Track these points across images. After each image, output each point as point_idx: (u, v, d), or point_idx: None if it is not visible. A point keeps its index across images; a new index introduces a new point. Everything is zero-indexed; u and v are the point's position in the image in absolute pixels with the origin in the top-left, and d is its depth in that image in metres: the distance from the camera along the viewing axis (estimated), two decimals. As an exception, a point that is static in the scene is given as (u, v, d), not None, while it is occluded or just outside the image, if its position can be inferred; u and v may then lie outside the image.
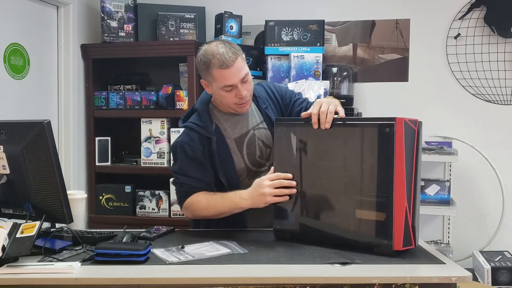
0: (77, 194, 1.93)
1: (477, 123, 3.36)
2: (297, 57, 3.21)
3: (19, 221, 1.63)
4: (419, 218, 1.62)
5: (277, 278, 1.39)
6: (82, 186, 3.41)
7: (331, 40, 3.53)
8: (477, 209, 3.37)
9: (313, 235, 1.69)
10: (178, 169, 1.91)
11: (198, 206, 1.87)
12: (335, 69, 3.34)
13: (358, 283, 1.39)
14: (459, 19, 3.36)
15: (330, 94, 3.14)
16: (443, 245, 3.22)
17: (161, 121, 3.34)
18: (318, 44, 3.30)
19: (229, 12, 3.35)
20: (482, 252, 3.16)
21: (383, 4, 3.46)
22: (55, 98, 3.31)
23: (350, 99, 3.35)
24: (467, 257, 3.28)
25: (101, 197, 3.40)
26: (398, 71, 3.46)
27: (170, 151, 3.29)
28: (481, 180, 3.34)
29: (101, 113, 3.44)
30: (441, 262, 1.51)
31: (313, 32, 3.30)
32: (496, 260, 3.03)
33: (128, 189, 3.38)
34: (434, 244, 3.18)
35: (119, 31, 3.41)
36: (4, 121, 1.80)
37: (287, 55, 3.30)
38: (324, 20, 3.32)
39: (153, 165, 3.35)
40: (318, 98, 2.62)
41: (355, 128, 1.63)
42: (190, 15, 3.40)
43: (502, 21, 3.30)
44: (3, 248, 1.44)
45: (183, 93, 3.28)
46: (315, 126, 1.67)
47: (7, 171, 1.72)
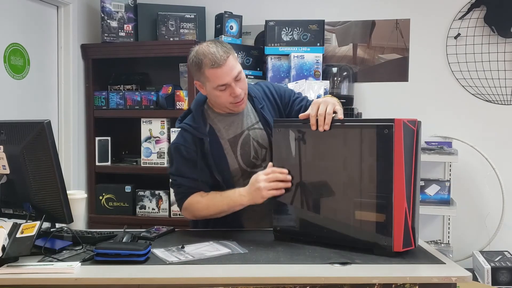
0: (77, 194, 1.93)
1: (477, 123, 3.36)
2: (297, 57, 3.21)
3: (19, 221, 1.63)
4: (419, 218, 1.62)
5: (277, 278, 1.39)
6: (82, 186, 3.41)
7: (331, 40, 3.53)
8: (477, 209, 3.37)
9: (313, 235, 1.69)
10: (174, 171, 1.91)
11: (198, 207, 1.87)
12: (335, 69, 3.34)
13: (358, 283, 1.39)
14: (459, 19, 3.35)
15: (330, 94, 3.13)
16: (443, 245, 3.22)
17: (161, 121, 3.34)
18: (318, 44, 3.30)
19: (229, 12, 3.35)
20: (482, 252, 3.16)
21: (383, 4, 3.45)
22: (55, 98, 3.31)
23: (350, 99, 3.35)
24: (467, 257, 3.28)
25: (101, 197, 3.40)
26: (398, 71, 3.46)
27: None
28: (481, 180, 3.34)
29: (101, 113, 3.44)
30: (441, 262, 1.51)
31: (313, 32, 3.30)
32: (496, 260, 3.03)
33: (128, 189, 3.38)
34: (434, 244, 3.18)
35: (119, 31, 3.41)
36: (4, 121, 1.79)
37: (287, 55, 3.30)
38: (324, 20, 3.32)
39: (153, 165, 3.35)
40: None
41: (354, 129, 1.62)
42: (190, 15, 3.40)
43: (502, 21, 3.30)
44: (3, 248, 1.44)
45: (183, 93, 3.28)
46: (313, 128, 1.67)
47: (7, 171, 1.72)
